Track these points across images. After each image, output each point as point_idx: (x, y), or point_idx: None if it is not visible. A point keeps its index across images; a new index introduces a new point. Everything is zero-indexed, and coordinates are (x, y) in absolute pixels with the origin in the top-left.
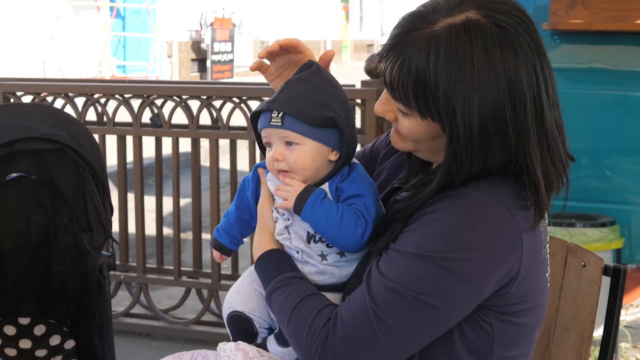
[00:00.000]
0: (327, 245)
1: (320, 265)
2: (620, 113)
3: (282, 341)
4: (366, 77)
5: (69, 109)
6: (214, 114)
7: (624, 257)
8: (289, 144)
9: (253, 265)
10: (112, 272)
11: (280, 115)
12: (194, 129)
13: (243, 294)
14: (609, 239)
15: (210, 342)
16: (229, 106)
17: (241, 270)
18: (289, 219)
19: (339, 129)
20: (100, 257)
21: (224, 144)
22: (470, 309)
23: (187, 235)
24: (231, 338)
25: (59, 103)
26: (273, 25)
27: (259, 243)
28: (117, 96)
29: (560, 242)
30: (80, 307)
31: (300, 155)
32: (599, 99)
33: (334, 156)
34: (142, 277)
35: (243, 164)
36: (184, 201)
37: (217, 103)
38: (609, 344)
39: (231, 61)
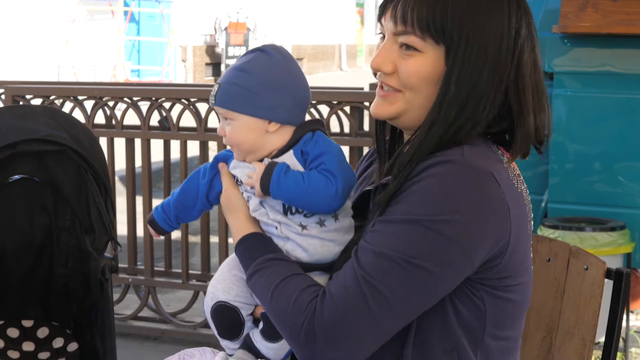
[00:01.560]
0: (305, 215)
1: (301, 237)
2: (630, 117)
3: (269, 336)
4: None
5: (77, 112)
6: None
7: (634, 261)
8: (225, 119)
9: (231, 255)
10: (120, 275)
11: (214, 93)
12: (202, 131)
13: (224, 282)
14: (619, 243)
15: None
16: None
17: None
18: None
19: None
20: (102, 259)
21: None
22: (462, 276)
23: (195, 239)
24: (215, 332)
25: (67, 106)
26: (287, 30)
27: (236, 229)
28: (125, 99)
29: (562, 245)
30: (84, 309)
31: (234, 130)
32: (610, 103)
33: (272, 127)
34: (150, 280)
35: None
36: None
37: None
38: (611, 348)
39: None
